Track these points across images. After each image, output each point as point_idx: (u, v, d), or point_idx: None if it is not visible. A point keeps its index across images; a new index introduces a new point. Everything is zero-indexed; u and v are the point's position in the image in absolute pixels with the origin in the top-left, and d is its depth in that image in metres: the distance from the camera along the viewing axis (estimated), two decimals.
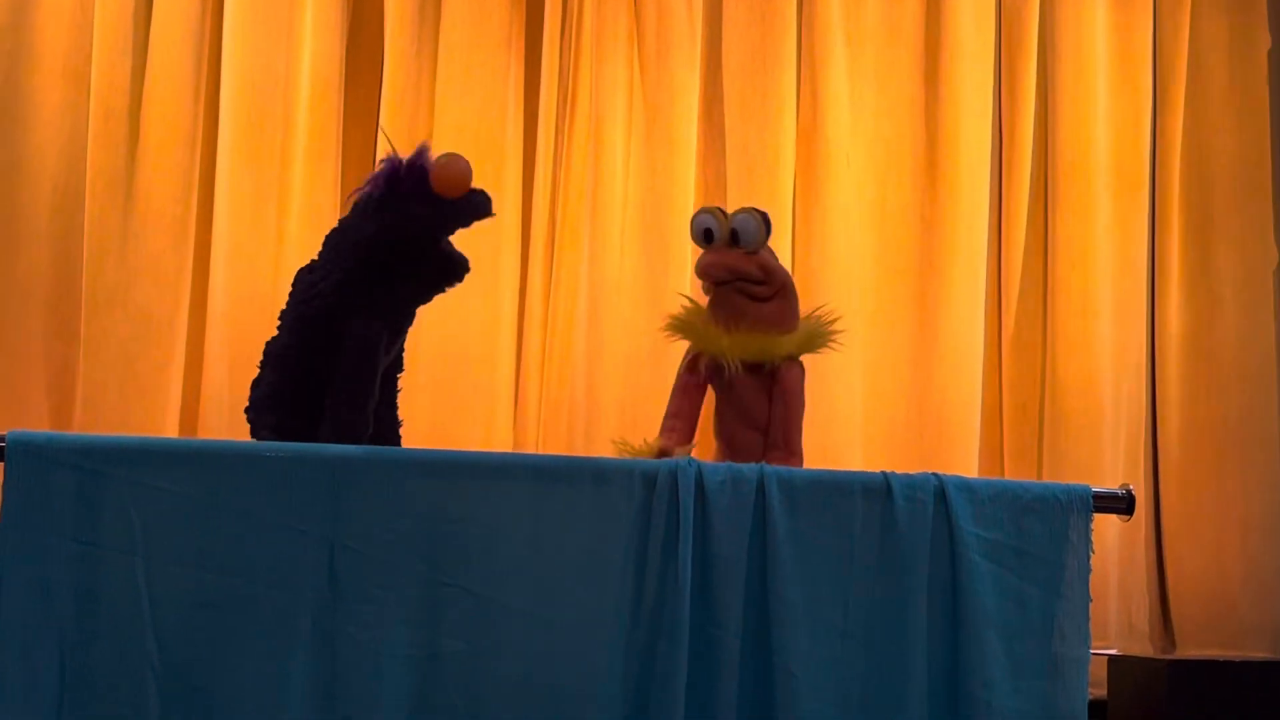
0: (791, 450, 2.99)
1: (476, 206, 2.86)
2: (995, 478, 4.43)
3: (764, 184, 4.99)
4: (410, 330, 3.02)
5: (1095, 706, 2.86)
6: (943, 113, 5.10)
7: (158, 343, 4.64)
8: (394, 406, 3.00)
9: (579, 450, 4.81)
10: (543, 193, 4.92)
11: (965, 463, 4.94)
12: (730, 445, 3.03)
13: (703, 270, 3.06)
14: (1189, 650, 5.00)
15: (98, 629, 2.47)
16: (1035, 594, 2.72)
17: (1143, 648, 4.98)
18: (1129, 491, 2.82)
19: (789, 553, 2.65)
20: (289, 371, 2.91)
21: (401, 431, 3.04)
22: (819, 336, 3.08)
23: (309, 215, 4.78)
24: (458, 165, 2.82)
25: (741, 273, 3.01)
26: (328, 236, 3.01)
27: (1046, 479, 4.98)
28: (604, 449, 4.78)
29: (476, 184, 3.59)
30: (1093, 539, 2.78)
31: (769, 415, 3.00)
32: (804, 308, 4.85)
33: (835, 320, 3.11)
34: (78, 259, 4.62)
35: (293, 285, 3.03)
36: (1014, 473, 5.05)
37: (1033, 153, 5.14)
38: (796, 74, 5.07)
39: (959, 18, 5.12)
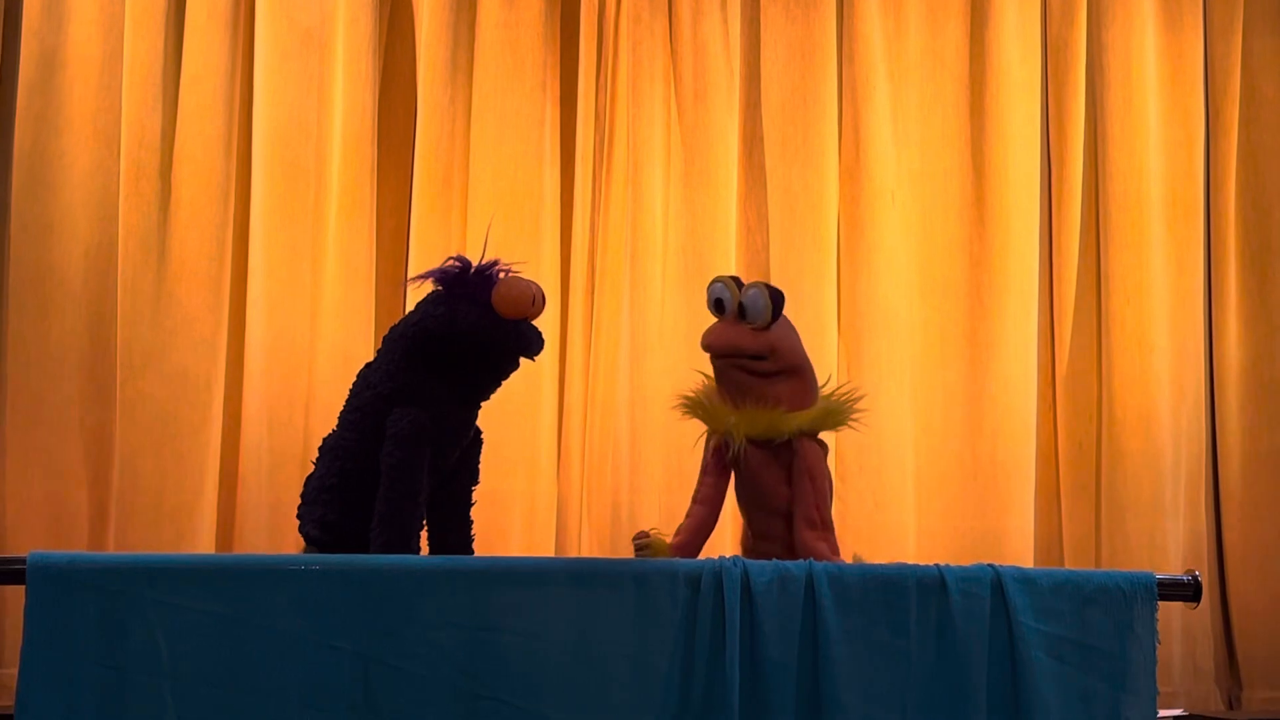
0: (826, 525, 2.93)
1: (521, 337, 2.82)
2: (1055, 567, 4.30)
3: (807, 224, 4.89)
4: None
5: None
6: (989, 145, 4.98)
7: (195, 404, 4.56)
8: (467, 520, 2.95)
9: (624, 501, 4.73)
10: (581, 239, 4.83)
11: (1021, 504, 4.83)
12: (751, 528, 2.99)
13: (705, 343, 3.05)
14: (1256, 690, 4.88)
15: None
16: (1100, 689, 2.62)
17: (1208, 688, 4.85)
18: (1195, 578, 2.71)
19: (842, 654, 2.56)
20: (338, 464, 2.90)
21: None
22: (836, 414, 3.00)
23: (344, 269, 4.71)
24: (521, 287, 2.81)
25: (739, 348, 2.97)
26: (388, 332, 3.02)
27: (1105, 518, 4.88)
28: (649, 498, 4.73)
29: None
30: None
31: (789, 496, 2.94)
32: (851, 352, 4.89)
33: (859, 399, 3.02)
34: (112, 322, 4.56)
35: (354, 382, 3.02)
36: (1071, 513, 4.93)
37: (1083, 183, 5.01)
38: (838, 110, 4.96)
39: (1004, 47, 5.00)
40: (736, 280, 3.09)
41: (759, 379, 2.96)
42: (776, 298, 2.98)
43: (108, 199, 4.60)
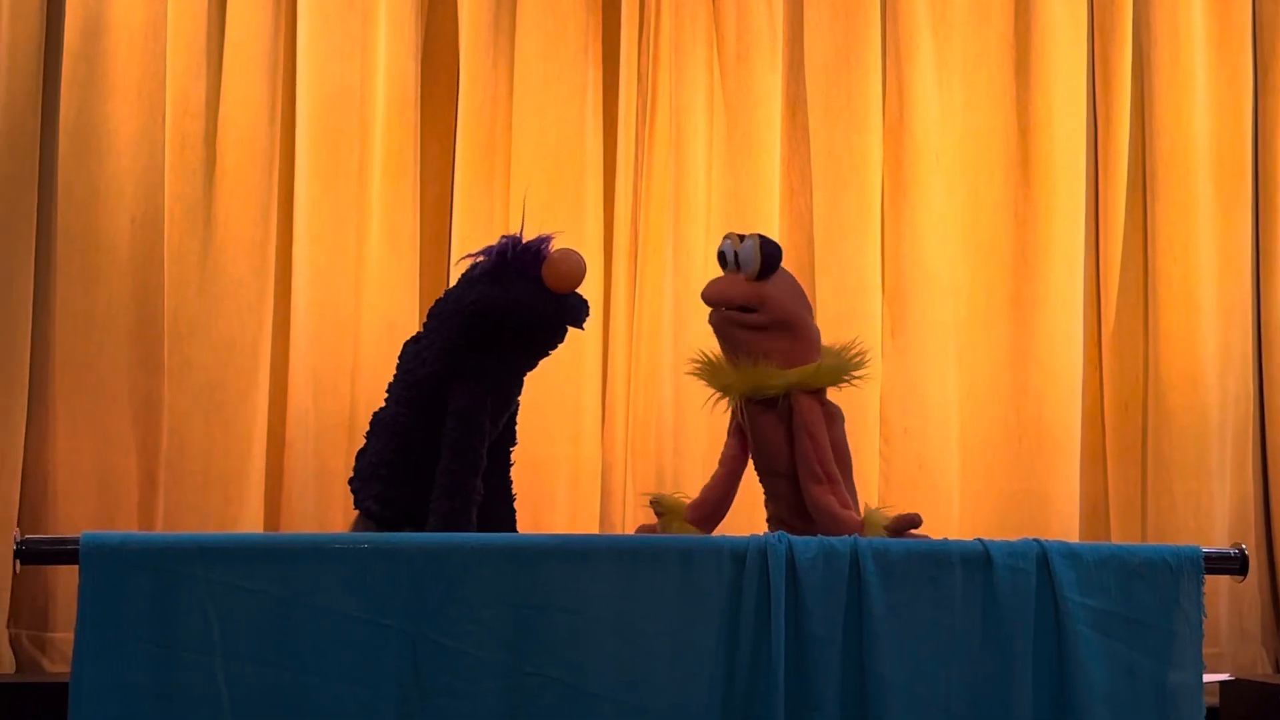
0: (832, 478, 2.94)
1: (570, 309, 2.86)
2: (1100, 542, 4.28)
3: (851, 185, 4.87)
4: None
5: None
6: (1035, 103, 4.94)
7: (241, 370, 4.59)
8: (508, 480, 3.02)
9: (668, 466, 4.73)
10: (624, 202, 4.82)
11: (1066, 466, 4.81)
12: (764, 490, 3.05)
13: (702, 295, 3.14)
14: None
15: None
16: (1146, 664, 2.62)
17: (1254, 651, 4.84)
18: (1242, 551, 2.70)
19: (887, 629, 2.57)
20: (394, 441, 2.95)
21: None
22: (831, 371, 3.02)
23: (389, 234, 4.72)
24: (572, 260, 2.86)
25: (729, 298, 3.03)
26: (433, 307, 3.05)
27: (1151, 480, 4.86)
28: (693, 463, 4.73)
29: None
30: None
31: (791, 456, 2.96)
32: (895, 313, 4.88)
33: (858, 354, 3.04)
34: (158, 289, 4.58)
35: (400, 356, 3.06)
36: (1117, 474, 4.91)
37: (1130, 142, 4.97)
38: (882, 70, 4.92)
39: (1049, 2, 4.95)
40: (738, 235, 3.10)
41: (751, 333, 3.01)
42: (768, 248, 3.02)
43: (153, 167, 4.61)
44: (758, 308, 3.01)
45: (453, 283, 4.56)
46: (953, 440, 4.83)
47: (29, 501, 4.48)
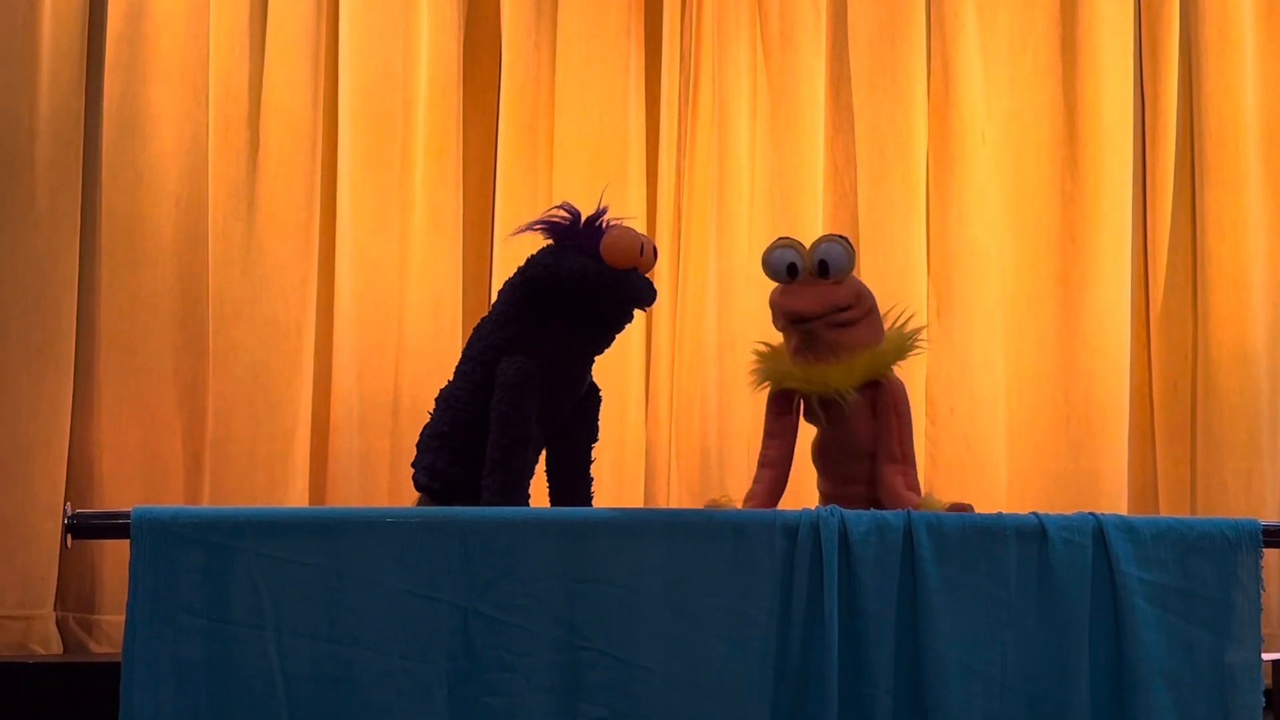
0: (908, 460, 2.92)
1: (631, 286, 2.83)
2: (1156, 515, 4.24)
3: (895, 164, 4.83)
4: None
5: None
6: (1081, 81, 4.89)
7: (286, 353, 4.60)
8: (586, 476, 3.01)
9: (712, 448, 4.72)
10: (667, 183, 4.80)
11: (1115, 446, 4.77)
12: (835, 478, 2.98)
13: (795, 309, 2.95)
14: None
15: (231, 706, 2.45)
16: (1204, 639, 2.59)
17: None
18: None
19: (941, 603, 2.55)
20: (447, 414, 2.94)
21: None
22: (908, 342, 3.00)
23: (432, 216, 4.72)
24: (630, 236, 2.84)
25: (836, 303, 2.95)
26: (503, 285, 3.04)
27: (1201, 460, 4.81)
28: (738, 444, 4.71)
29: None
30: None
31: (874, 435, 2.93)
32: (942, 293, 4.85)
33: (911, 319, 3.03)
34: (203, 272, 4.60)
35: (470, 335, 3.05)
36: (1166, 454, 4.87)
37: (1178, 119, 4.91)
38: (926, 47, 4.88)
39: None
40: (798, 242, 3.04)
41: (847, 329, 2.95)
42: (850, 247, 3.00)
43: (197, 149, 4.62)
44: (854, 304, 2.98)
45: (496, 261, 4.67)
46: (1000, 420, 4.79)
47: (75, 484, 4.50)
